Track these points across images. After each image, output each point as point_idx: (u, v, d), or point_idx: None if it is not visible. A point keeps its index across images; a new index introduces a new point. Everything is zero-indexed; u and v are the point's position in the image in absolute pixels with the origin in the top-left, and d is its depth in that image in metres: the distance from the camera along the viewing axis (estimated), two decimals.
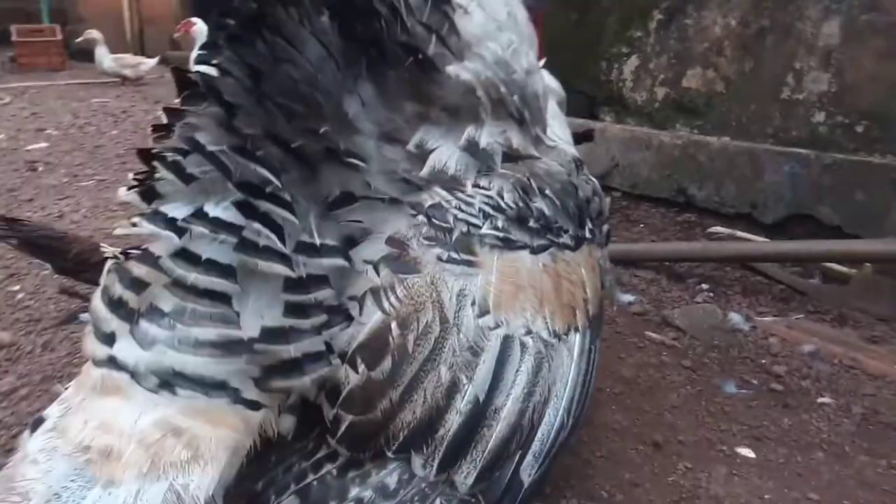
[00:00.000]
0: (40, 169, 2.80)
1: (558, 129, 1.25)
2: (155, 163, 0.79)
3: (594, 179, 1.13)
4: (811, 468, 1.18)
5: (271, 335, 0.78)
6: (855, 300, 1.89)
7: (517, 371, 0.85)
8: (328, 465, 0.82)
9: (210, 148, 0.78)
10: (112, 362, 0.76)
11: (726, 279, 2.08)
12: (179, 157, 0.78)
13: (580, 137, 2.82)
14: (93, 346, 0.77)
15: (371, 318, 0.82)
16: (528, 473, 0.86)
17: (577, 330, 0.93)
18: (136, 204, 0.80)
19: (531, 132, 1.04)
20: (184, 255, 0.77)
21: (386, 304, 0.82)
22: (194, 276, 0.76)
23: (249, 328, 0.77)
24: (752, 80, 2.54)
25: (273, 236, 0.78)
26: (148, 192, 0.80)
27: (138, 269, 0.77)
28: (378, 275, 0.83)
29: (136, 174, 0.82)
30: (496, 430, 0.83)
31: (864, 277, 1.93)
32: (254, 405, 0.79)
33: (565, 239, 0.98)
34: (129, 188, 0.83)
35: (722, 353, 1.60)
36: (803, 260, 2.04)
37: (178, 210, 0.78)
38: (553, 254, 0.95)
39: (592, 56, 3.06)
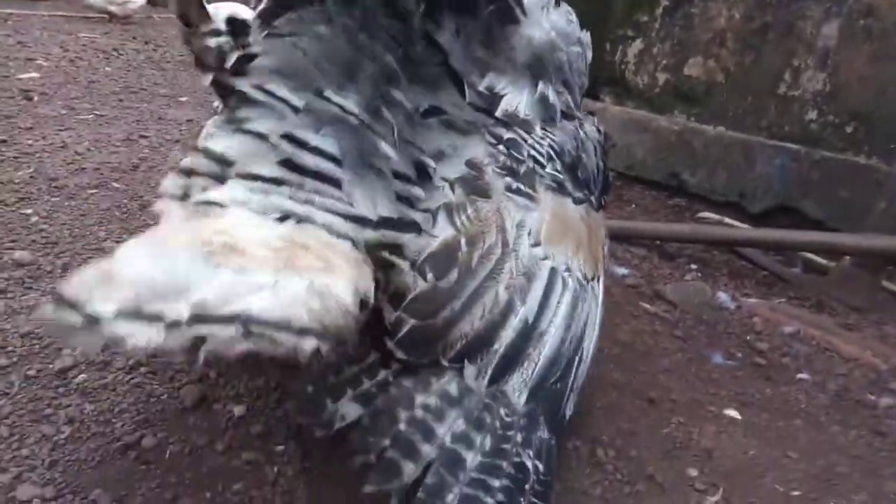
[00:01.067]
0: (35, 98, 2.73)
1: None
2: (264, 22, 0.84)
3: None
4: (790, 432, 1.28)
5: (386, 223, 0.85)
6: (832, 290, 2.00)
7: (558, 303, 0.94)
8: (383, 372, 0.87)
9: (338, 21, 0.84)
10: (213, 203, 0.78)
11: (714, 262, 2.18)
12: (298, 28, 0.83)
13: None
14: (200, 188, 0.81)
15: (444, 231, 0.90)
16: (570, 406, 0.95)
17: (597, 279, 1.05)
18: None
19: (578, 98, 1.14)
20: (291, 138, 0.82)
21: (458, 221, 0.90)
22: (309, 158, 0.82)
23: (368, 212, 0.84)
24: (751, 74, 2.63)
25: (391, 124, 0.86)
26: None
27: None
28: (453, 192, 0.92)
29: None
30: (543, 353, 0.91)
31: (842, 269, 2.06)
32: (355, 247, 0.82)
33: (593, 199, 1.11)
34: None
35: (710, 327, 1.70)
36: (787, 248, 2.14)
37: (292, 95, 0.83)
38: (587, 208, 1.07)
39: (597, 37, 3.06)
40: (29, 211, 1.65)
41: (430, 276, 0.87)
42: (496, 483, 0.79)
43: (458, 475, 0.79)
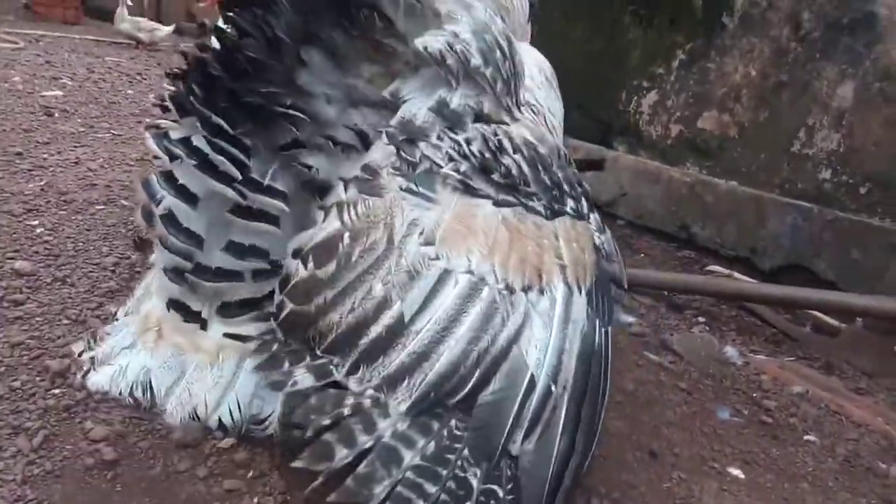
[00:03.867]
0: (56, 115, 2.78)
1: (543, 98, 1.31)
2: (169, 93, 1.02)
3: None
4: (797, 496, 1.22)
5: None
6: (843, 352, 1.96)
7: (462, 310, 0.90)
8: None
9: (198, 95, 0.98)
10: None
11: (722, 316, 2.14)
12: (183, 99, 1.00)
13: (589, 165, 2.88)
14: None
15: (331, 225, 0.95)
16: (517, 445, 0.88)
17: (543, 293, 0.97)
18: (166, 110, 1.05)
19: (503, 102, 1.12)
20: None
21: (346, 217, 0.94)
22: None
23: None
24: (765, 130, 2.63)
25: (228, 164, 0.97)
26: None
27: None
28: (346, 192, 0.97)
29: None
30: (437, 363, 0.88)
31: (853, 332, 2.01)
32: None
33: (536, 204, 1.03)
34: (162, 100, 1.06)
35: (716, 381, 1.65)
36: (800, 306, 2.10)
37: (176, 134, 1.01)
38: (519, 213, 1.01)
39: (613, 86, 3.13)
40: (35, 222, 1.65)
41: (310, 264, 0.92)
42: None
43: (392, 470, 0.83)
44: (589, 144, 3.11)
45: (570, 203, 1.08)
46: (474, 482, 0.84)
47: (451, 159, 0.98)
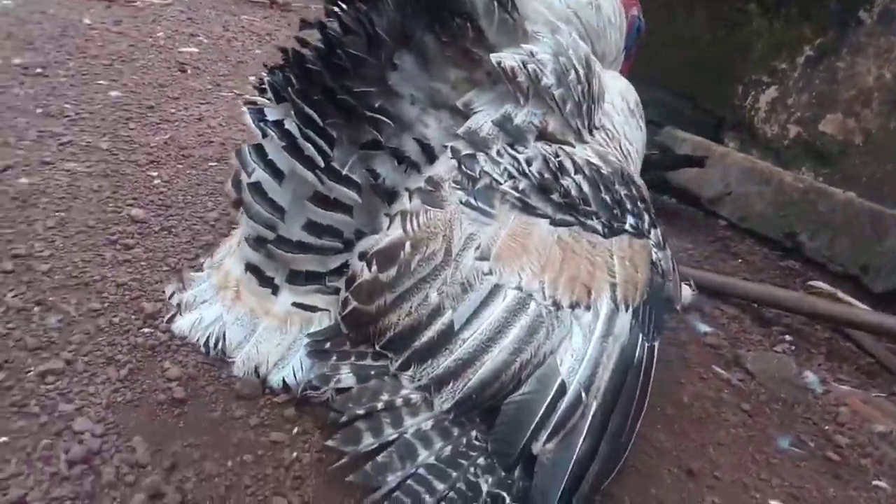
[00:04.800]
0: (188, 71, 3.03)
1: (620, 124, 1.32)
2: (266, 80, 1.14)
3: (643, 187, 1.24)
4: None
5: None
6: None
7: (509, 323, 0.96)
8: (387, 361, 1.03)
9: (294, 86, 1.08)
10: None
11: (813, 337, 2.01)
12: (281, 87, 1.10)
13: (689, 161, 2.74)
14: None
15: (395, 232, 1.02)
16: (539, 444, 0.92)
17: (589, 308, 1.00)
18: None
19: (572, 123, 1.15)
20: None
21: (408, 226, 1.01)
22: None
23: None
24: (894, 140, 2.39)
25: (313, 150, 1.06)
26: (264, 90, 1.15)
27: None
28: (410, 201, 1.04)
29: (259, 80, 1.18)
30: (480, 369, 0.95)
31: None
32: None
33: (594, 223, 1.06)
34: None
35: (786, 406, 1.57)
36: None
37: (272, 115, 1.11)
38: (575, 232, 1.04)
39: (730, 78, 2.94)
40: (154, 174, 1.84)
41: (374, 268, 1.00)
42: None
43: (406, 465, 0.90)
44: (696, 137, 2.95)
45: (630, 220, 1.10)
46: (484, 486, 0.90)
47: (510, 176, 1.03)
